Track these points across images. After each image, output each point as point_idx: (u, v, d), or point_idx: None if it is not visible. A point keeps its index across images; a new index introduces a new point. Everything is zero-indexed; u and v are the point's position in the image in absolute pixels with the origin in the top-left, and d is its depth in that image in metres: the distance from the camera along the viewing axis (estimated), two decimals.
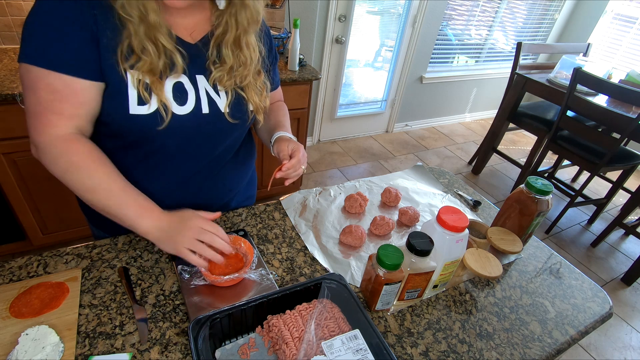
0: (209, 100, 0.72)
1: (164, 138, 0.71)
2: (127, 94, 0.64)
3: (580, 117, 2.37)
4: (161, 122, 0.67)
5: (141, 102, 0.65)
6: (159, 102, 0.66)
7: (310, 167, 2.83)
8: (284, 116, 0.93)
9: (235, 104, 0.75)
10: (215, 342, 0.61)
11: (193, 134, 0.73)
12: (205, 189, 0.85)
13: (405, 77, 3.19)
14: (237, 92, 0.75)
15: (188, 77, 0.70)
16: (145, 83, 0.64)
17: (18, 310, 0.62)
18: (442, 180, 1.19)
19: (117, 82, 0.64)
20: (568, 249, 2.45)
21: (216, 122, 0.74)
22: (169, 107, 0.67)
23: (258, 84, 0.77)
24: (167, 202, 0.82)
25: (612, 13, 3.47)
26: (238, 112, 0.76)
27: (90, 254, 0.75)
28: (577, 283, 0.88)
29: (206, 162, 0.80)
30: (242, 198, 0.98)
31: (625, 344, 1.86)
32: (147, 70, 0.63)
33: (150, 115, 0.66)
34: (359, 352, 0.58)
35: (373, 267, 0.68)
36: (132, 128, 0.68)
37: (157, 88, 0.65)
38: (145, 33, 0.61)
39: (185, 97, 0.70)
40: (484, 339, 0.71)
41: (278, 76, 0.94)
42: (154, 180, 0.78)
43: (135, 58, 0.62)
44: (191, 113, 0.71)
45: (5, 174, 1.47)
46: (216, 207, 0.91)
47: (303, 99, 2.02)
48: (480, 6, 3.20)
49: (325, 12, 2.49)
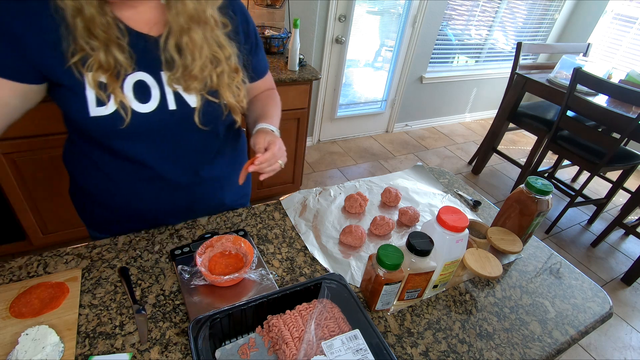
0: (176, 96, 0.69)
1: (132, 137, 0.69)
2: (85, 95, 0.62)
3: (580, 117, 2.37)
4: (122, 121, 0.65)
5: (100, 103, 0.63)
6: (117, 101, 0.63)
7: (310, 167, 2.83)
8: (272, 106, 0.87)
9: (205, 109, 0.71)
10: (215, 342, 0.61)
11: (162, 132, 0.71)
12: (194, 186, 0.83)
13: (405, 77, 3.19)
14: (205, 96, 0.70)
15: (150, 73, 0.66)
16: (100, 82, 0.62)
17: (18, 310, 0.62)
18: (442, 180, 1.19)
19: (73, 84, 0.62)
20: (568, 249, 2.45)
21: (185, 118, 0.71)
22: (127, 105, 0.65)
23: (235, 83, 0.73)
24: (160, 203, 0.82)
25: (612, 13, 3.47)
26: (209, 117, 0.73)
27: (90, 254, 0.75)
28: (577, 283, 0.88)
29: (188, 159, 0.78)
30: (236, 196, 0.96)
31: (625, 344, 1.86)
32: (98, 68, 0.60)
33: (110, 116, 0.64)
34: (359, 352, 0.58)
35: (373, 267, 0.68)
36: (95, 130, 0.66)
37: (113, 87, 0.62)
38: (84, 27, 0.57)
39: (148, 95, 0.67)
40: (484, 339, 0.71)
41: (265, 62, 0.87)
42: (139, 182, 0.77)
43: (81, 55, 0.59)
44: (156, 110, 0.68)
45: (5, 174, 1.47)
46: (212, 206, 0.90)
47: (303, 99, 2.02)
48: (480, 6, 3.20)
49: (325, 12, 2.49)
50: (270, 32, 2.13)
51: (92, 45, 0.59)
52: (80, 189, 0.84)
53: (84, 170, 0.80)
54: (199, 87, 0.69)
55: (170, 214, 0.85)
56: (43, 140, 1.45)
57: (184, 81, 0.67)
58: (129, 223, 0.83)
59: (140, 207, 0.82)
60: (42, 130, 1.43)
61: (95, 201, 0.83)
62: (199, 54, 0.65)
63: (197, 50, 0.65)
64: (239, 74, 0.73)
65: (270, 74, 0.92)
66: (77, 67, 0.60)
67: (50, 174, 1.56)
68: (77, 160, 0.80)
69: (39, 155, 1.48)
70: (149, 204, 0.82)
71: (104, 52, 0.60)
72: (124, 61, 0.62)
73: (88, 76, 0.61)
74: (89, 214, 0.88)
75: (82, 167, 0.80)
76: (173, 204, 0.84)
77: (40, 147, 1.46)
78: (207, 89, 0.70)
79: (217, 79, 0.70)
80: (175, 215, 0.86)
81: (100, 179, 0.78)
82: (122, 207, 0.82)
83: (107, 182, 0.78)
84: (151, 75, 0.67)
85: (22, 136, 1.42)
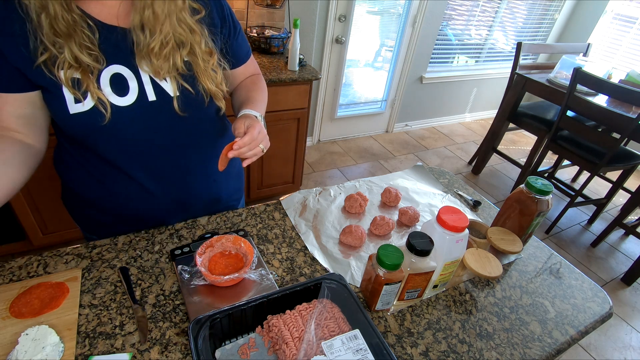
0: (154, 87, 0.68)
1: (115, 132, 0.68)
2: (63, 94, 0.62)
3: (580, 117, 2.37)
4: (102, 117, 0.64)
5: (78, 100, 0.63)
6: (94, 97, 0.63)
7: (310, 167, 2.83)
8: (255, 91, 0.85)
9: (183, 96, 0.70)
10: (215, 342, 0.61)
11: (143, 124, 0.70)
12: (190, 182, 0.82)
13: (405, 77, 3.19)
14: (180, 81, 0.69)
15: (126, 65, 0.66)
16: (74, 79, 0.61)
17: (18, 310, 0.62)
18: (442, 180, 1.19)
19: (50, 85, 0.62)
20: (568, 249, 2.45)
21: (166, 108, 0.70)
22: (105, 100, 0.64)
23: (210, 66, 0.71)
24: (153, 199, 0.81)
25: (612, 13, 3.47)
26: (189, 100, 0.71)
27: (90, 254, 0.75)
28: (577, 283, 0.88)
29: (175, 152, 0.77)
30: (232, 190, 0.96)
31: (625, 344, 1.86)
32: (68, 67, 0.60)
33: (89, 112, 0.64)
34: (359, 352, 0.58)
35: (373, 267, 0.68)
36: (78, 127, 0.66)
37: (87, 82, 0.62)
38: (49, 25, 0.57)
39: (125, 87, 0.66)
40: (484, 339, 0.71)
41: (246, 47, 0.86)
42: (129, 182, 0.77)
43: (48, 54, 0.59)
44: (135, 103, 0.67)
45: None
46: (208, 201, 0.89)
47: (303, 99, 2.02)
48: (480, 6, 3.20)
49: (325, 12, 2.49)
50: (270, 32, 2.13)
51: (59, 43, 0.58)
52: (72, 194, 0.83)
53: (73, 174, 0.79)
54: (166, 69, 0.67)
55: (166, 212, 0.84)
56: None
57: (149, 61, 0.66)
58: (124, 225, 0.82)
59: (133, 207, 0.81)
60: None
61: (88, 205, 0.82)
62: (160, 28, 0.63)
63: (158, 24, 0.63)
64: (213, 57, 0.72)
65: (253, 59, 0.91)
66: (46, 66, 0.60)
67: (50, 174, 1.54)
68: (66, 164, 0.79)
69: None
70: (142, 204, 0.81)
71: (69, 49, 0.59)
72: (90, 59, 0.61)
73: (60, 75, 0.61)
74: (84, 218, 0.87)
75: (71, 171, 0.79)
76: (167, 201, 0.83)
77: None
78: (180, 74, 0.69)
79: (188, 63, 0.69)
80: (171, 213, 0.85)
81: (91, 182, 0.78)
82: (115, 208, 0.81)
83: (97, 184, 0.77)
84: (127, 67, 0.66)
85: None
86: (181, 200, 0.84)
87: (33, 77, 0.61)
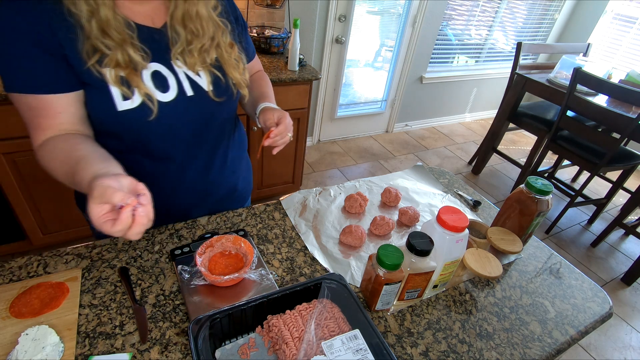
0: (190, 82, 0.72)
1: (157, 128, 0.71)
2: (110, 92, 0.64)
3: (580, 117, 2.37)
4: (150, 113, 0.67)
5: (125, 97, 0.65)
6: (142, 94, 0.66)
7: (310, 167, 2.83)
8: (266, 86, 0.92)
9: (215, 83, 0.75)
10: (215, 342, 0.61)
11: (184, 118, 0.73)
12: (212, 172, 0.85)
13: (405, 77, 3.19)
14: (213, 71, 0.74)
15: (163, 64, 0.69)
16: (121, 77, 0.64)
17: (18, 310, 0.62)
18: (442, 180, 1.19)
19: (97, 83, 0.63)
20: (568, 249, 2.45)
21: (203, 102, 0.74)
22: (152, 96, 0.67)
23: (233, 57, 0.76)
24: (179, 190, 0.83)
25: (612, 13, 3.47)
26: (221, 90, 0.76)
27: (90, 254, 0.75)
28: (577, 283, 0.88)
29: (206, 144, 0.81)
30: (244, 182, 1.00)
31: (625, 344, 1.86)
32: (115, 66, 0.62)
33: (137, 109, 0.66)
34: (359, 352, 0.58)
35: (373, 267, 0.68)
36: (124, 125, 0.68)
37: (135, 80, 0.64)
38: (98, 29, 0.60)
39: (166, 84, 0.69)
40: (484, 339, 0.71)
41: (252, 45, 0.92)
42: (161, 176, 0.78)
43: (98, 55, 0.61)
44: (176, 98, 0.70)
45: (5, 174, 1.47)
46: (226, 191, 0.93)
47: (303, 99, 2.02)
48: (480, 6, 3.20)
49: (325, 12, 2.49)
50: (270, 32, 2.13)
51: (108, 45, 0.61)
52: None
53: None
54: (200, 64, 0.72)
55: (189, 204, 0.86)
56: None
57: (185, 58, 0.70)
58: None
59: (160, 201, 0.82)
60: None
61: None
62: (206, 27, 0.70)
63: (205, 23, 0.69)
64: (234, 49, 0.77)
65: (257, 56, 0.96)
66: (94, 66, 0.62)
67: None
68: None
69: None
70: (169, 198, 0.83)
71: (120, 51, 0.62)
72: (139, 58, 0.65)
73: (107, 73, 0.63)
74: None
75: None
76: (191, 193, 0.85)
77: None
78: (210, 65, 0.73)
79: (217, 55, 0.74)
80: (194, 206, 0.87)
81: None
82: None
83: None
84: (164, 65, 0.69)
85: (22, 136, 1.42)
86: (203, 192, 0.87)
87: (83, 76, 0.63)
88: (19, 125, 1.39)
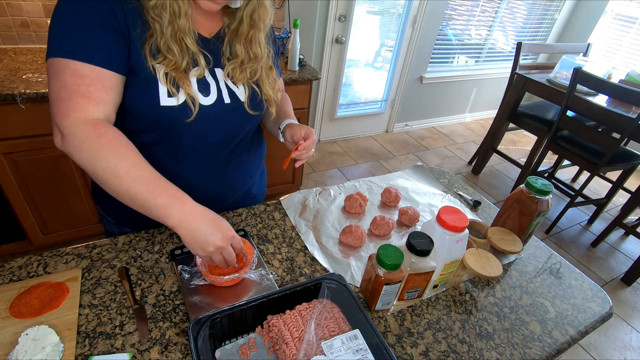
0: (229, 91, 0.77)
1: (191, 127, 0.74)
2: (157, 86, 0.67)
3: (580, 117, 2.37)
4: (190, 113, 0.71)
5: (170, 94, 0.68)
6: (187, 95, 0.70)
7: (310, 167, 2.83)
8: (288, 106, 0.99)
9: (252, 97, 0.80)
10: (215, 342, 0.61)
11: (217, 123, 0.77)
12: (230, 176, 0.88)
13: (405, 77, 3.19)
14: (252, 86, 0.79)
15: (208, 71, 0.74)
16: (172, 77, 0.68)
17: (18, 310, 0.62)
18: (442, 180, 1.19)
19: (148, 75, 0.66)
20: (568, 249, 2.45)
21: (237, 111, 0.79)
22: (195, 98, 0.71)
23: (270, 78, 0.83)
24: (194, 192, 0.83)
25: (612, 13, 3.47)
26: (255, 104, 0.81)
27: (90, 254, 0.75)
28: (577, 283, 0.88)
29: (228, 150, 0.84)
30: (258, 187, 1.02)
31: (625, 344, 1.86)
32: (172, 68, 0.67)
33: (179, 107, 0.70)
34: (359, 352, 0.58)
35: (373, 267, 0.68)
36: (162, 119, 0.71)
37: (184, 83, 0.69)
38: (171, 35, 0.65)
39: (208, 89, 0.74)
40: (484, 339, 0.71)
41: (280, 67, 0.97)
42: (182, 171, 0.80)
43: (161, 57, 0.66)
44: (215, 103, 0.75)
45: (5, 174, 1.47)
46: (240, 194, 0.95)
47: (303, 99, 2.02)
48: (480, 6, 3.20)
49: (325, 12, 2.49)
50: None
51: (176, 51, 0.66)
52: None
53: None
54: (242, 78, 0.78)
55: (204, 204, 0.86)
56: (43, 140, 1.45)
57: (230, 69, 0.76)
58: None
59: None
60: (42, 130, 1.43)
61: None
62: (263, 52, 0.77)
63: (262, 49, 0.77)
64: (272, 70, 0.84)
65: (282, 78, 1.02)
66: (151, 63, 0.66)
67: (50, 174, 1.56)
68: None
69: (38, 155, 1.49)
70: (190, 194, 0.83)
71: (185, 58, 0.68)
72: (203, 67, 0.71)
73: (160, 70, 0.67)
74: (119, 212, 0.85)
75: None
76: (208, 194, 0.86)
77: (40, 147, 1.46)
78: (251, 81, 0.79)
79: (259, 73, 0.80)
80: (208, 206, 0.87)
81: None
82: None
83: None
84: (209, 72, 0.74)
85: (22, 136, 1.42)
86: (219, 194, 0.89)
87: (136, 65, 0.66)
88: (19, 125, 1.39)
